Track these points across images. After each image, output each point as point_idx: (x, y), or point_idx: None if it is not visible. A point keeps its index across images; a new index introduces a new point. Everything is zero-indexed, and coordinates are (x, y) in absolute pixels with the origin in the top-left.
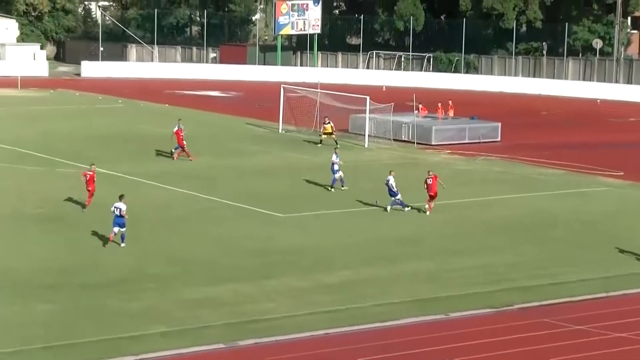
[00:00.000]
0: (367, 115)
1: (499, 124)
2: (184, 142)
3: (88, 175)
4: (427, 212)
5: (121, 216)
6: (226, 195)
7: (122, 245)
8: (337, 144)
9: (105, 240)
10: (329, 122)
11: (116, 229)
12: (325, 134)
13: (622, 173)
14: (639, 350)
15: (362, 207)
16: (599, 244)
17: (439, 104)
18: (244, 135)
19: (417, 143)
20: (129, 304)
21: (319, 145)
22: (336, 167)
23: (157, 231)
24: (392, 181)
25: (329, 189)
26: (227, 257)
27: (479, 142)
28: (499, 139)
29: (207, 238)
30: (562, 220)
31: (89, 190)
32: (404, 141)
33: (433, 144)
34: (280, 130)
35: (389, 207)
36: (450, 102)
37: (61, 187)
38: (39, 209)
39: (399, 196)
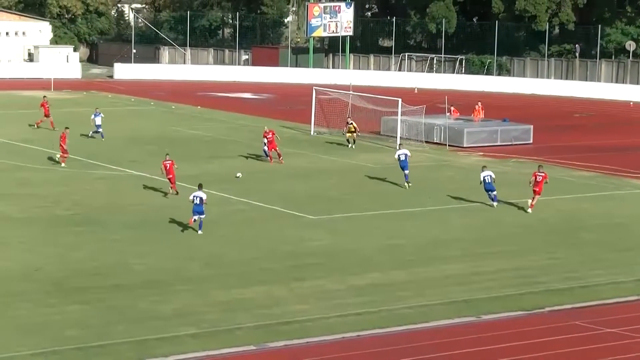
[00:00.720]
0: (399, 117)
1: (531, 127)
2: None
3: (168, 165)
4: (529, 210)
5: (201, 204)
6: (259, 198)
7: (200, 232)
8: (353, 143)
9: (183, 231)
10: (352, 122)
11: (196, 217)
12: (349, 132)
13: None
14: None
15: (393, 210)
16: (631, 246)
17: (476, 106)
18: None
19: (449, 145)
20: (160, 305)
21: (351, 147)
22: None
23: (190, 233)
24: (490, 176)
25: (406, 185)
26: (258, 259)
27: (511, 145)
28: (531, 141)
29: (240, 240)
30: (594, 223)
31: (169, 179)
32: (436, 143)
33: (465, 146)
34: (312, 133)
35: (494, 203)
36: (479, 104)
37: (94, 189)
38: (71, 210)
39: (495, 192)
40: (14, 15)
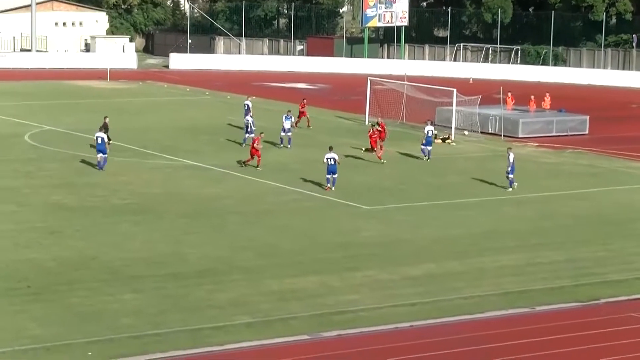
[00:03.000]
0: (454, 107)
1: (587, 117)
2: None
3: (256, 141)
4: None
5: (334, 164)
6: (313, 188)
7: (333, 188)
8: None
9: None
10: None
11: (329, 176)
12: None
13: None
14: None
15: (447, 200)
16: None
17: (532, 96)
18: (331, 127)
19: (504, 136)
20: (215, 294)
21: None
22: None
23: (244, 223)
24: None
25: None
26: (312, 249)
27: (566, 135)
28: (587, 132)
29: (294, 230)
30: None
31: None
32: (491, 134)
33: (520, 136)
34: (366, 123)
35: (515, 184)
36: (509, 94)
37: (150, 179)
38: (127, 200)
39: (512, 175)
40: (71, 5)
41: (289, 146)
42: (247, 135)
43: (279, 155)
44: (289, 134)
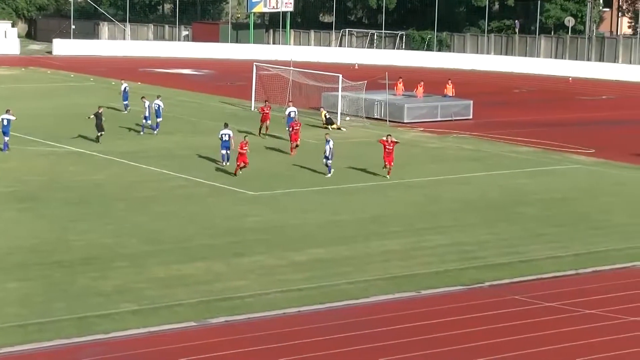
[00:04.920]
0: (340, 93)
1: (471, 102)
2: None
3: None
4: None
5: (228, 140)
6: (199, 174)
7: (227, 164)
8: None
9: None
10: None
11: (224, 151)
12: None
13: (593, 150)
14: (609, 327)
15: (334, 186)
16: (570, 221)
17: (420, 82)
18: (216, 113)
19: (389, 121)
20: (100, 282)
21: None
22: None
23: (129, 209)
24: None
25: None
26: (199, 235)
27: (451, 120)
28: (471, 116)
29: (180, 216)
30: (534, 198)
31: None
32: (376, 119)
33: (405, 121)
34: (252, 108)
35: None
36: (400, 79)
37: (34, 166)
38: (12, 187)
39: (330, 161)
40: None
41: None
42: (145, 121)
43: (163, 141)
44: (159, 119)
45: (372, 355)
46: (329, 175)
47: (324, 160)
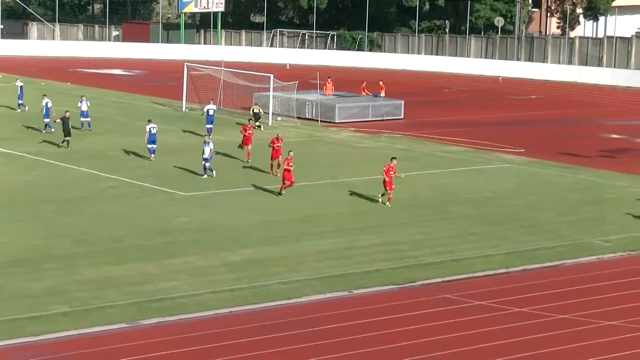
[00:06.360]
0: (271, 93)
1: (402, 102)
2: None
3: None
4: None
5: (155, 134)
6: (130, 175)
7: (154, 156)
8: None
9: None
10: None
11: (150, 145)
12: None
13: (523, 150)
14: (539, 325)
15: (267, 186)
16: (500, 220)
17: (380, 82)
18: (147, 113)
19: (320, 121)
20: (30, 284)
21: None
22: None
23: (59, 211)
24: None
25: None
26: (130, 237)
27: (382, 120)
28: (402, 116)
29: (110, 217)
30: (465, 198)
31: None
32: (308, 119)
33: (337, 121)
34: (183, 109)
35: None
36: (329, 79)
37: None
38: None
39: (208, 163)
40: None
41: (89, 129)
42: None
43: (93, 142)
44: (88, 118)
45: (305, 355)
46: (205, 176)
47: (203, 162)
